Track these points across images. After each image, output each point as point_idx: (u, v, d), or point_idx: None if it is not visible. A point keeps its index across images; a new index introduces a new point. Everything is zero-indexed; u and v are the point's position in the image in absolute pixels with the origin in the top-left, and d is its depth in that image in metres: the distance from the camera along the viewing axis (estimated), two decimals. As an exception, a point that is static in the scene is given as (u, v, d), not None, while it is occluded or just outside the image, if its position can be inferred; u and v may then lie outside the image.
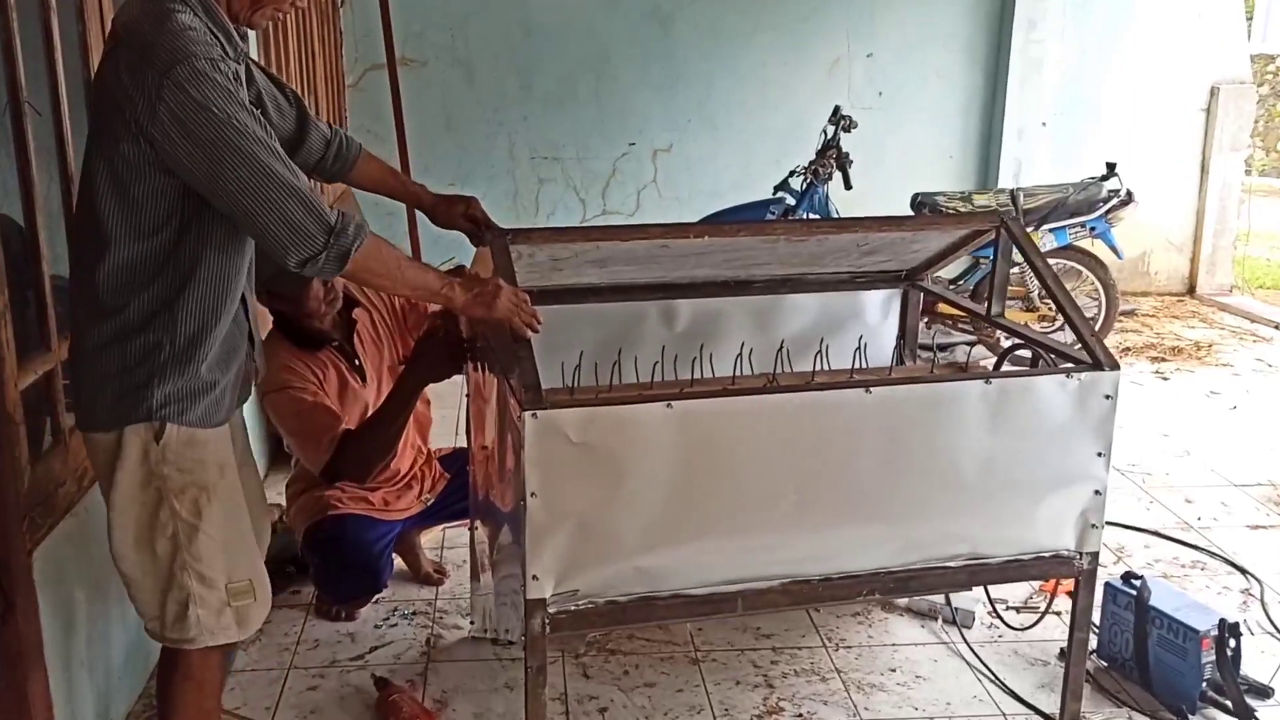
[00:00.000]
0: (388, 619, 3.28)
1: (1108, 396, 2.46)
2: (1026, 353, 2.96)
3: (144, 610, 2.16)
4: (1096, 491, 2.50)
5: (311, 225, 1.89)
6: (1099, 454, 2.48)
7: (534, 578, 2.21)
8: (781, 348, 2.73)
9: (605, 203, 6.93)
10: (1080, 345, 2.52)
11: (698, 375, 2.78)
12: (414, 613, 3.33)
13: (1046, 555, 2.53)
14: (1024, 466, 2.46)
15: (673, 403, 2.23)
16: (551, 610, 2.24)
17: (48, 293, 2.46)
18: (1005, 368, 3.05)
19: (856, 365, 2.87)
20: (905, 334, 3.24)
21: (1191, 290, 7.63)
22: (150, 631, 2.18)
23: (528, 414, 2.13)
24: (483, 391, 2.77)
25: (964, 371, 2.94)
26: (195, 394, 2.04)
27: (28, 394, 2.32)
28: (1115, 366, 2.46)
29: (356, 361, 3.10)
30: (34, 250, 2.42)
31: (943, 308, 5.28)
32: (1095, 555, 2.55)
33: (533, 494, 2.17)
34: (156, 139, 1.82)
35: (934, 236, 2.91)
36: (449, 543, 3.73)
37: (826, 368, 2.84)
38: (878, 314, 3.24)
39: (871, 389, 2.34)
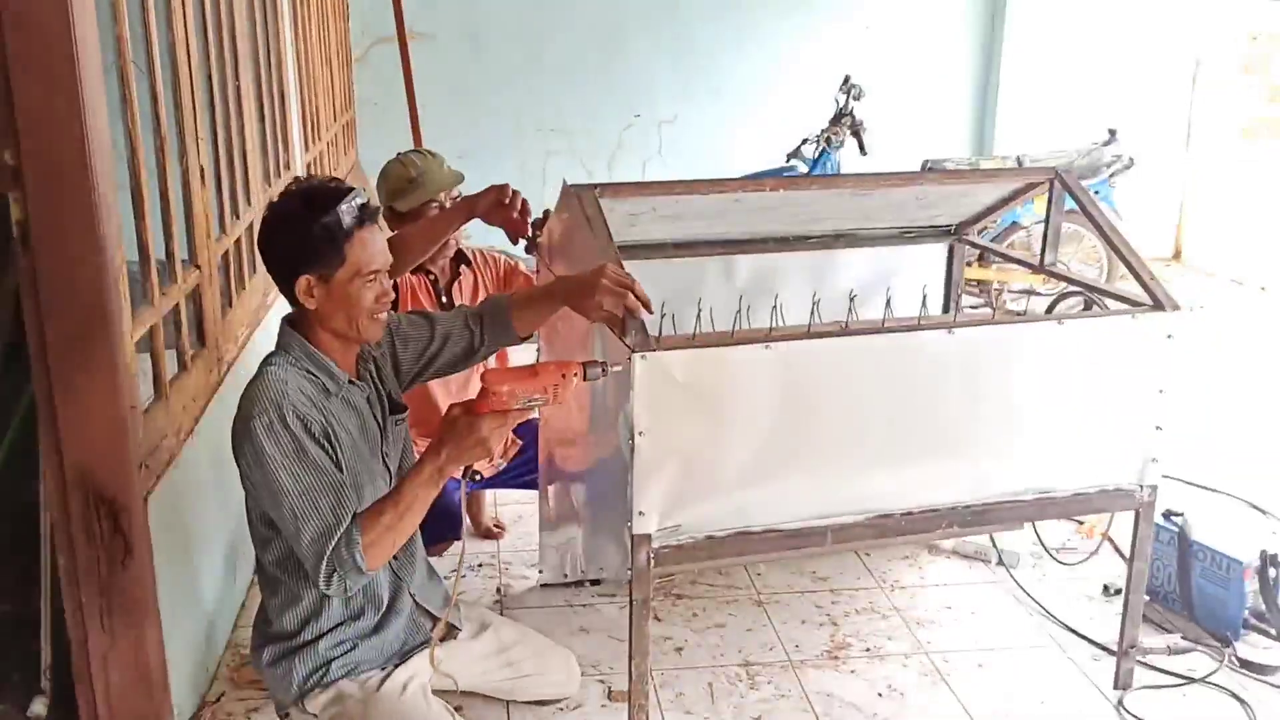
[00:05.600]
0: (455, 570, 3.36)
1: (1170, 336, 2.59)
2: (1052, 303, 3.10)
3: None
4: (1158, 427, 2.64)
5: (311, 566, 2.06)
6: (1160, 391, 2.62)
7: (640, 513, 2.31)
8: (852, 299, 2.83)
9: (611, 174, 7.01)
10: (1143, 289, 2.64)
11: (769, 325, 2.89)
12: (480, 565, 3.43)
13: (1110, 489, 2.67)
14: (1091, 404, 2.58)
15: (770, 344, 2.34)
16: (656, 545, 2.35)
17: (150, 246, 2.52)
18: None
19: (917, 315, 2.98)
20: (951, 286, 3.37)
21: (1177, 255, 7.84)
22: None
23: (637, 356, 2.23)
24: (562, 334, 2.85)
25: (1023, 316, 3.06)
26: (327, 663, 2.26)
27: (137, 346, 2.39)
28: (1176, 307, 2.60)
29: (444, 299, 3.18)
30: (139, 206, 2.48)
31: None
32: (1155, 488, 2.69)
33: (641, 433, 2.26)
34: (240, 469, 2.13)
35: (988, 190, 3.03)
36: (501, 500, 3.82)
37: (892, 316, 2.95)
38: (924, 267, 3.36)
39: (954, 330, 2.45)
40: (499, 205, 2.81)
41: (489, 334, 2.43)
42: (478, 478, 2.17)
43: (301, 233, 2.08)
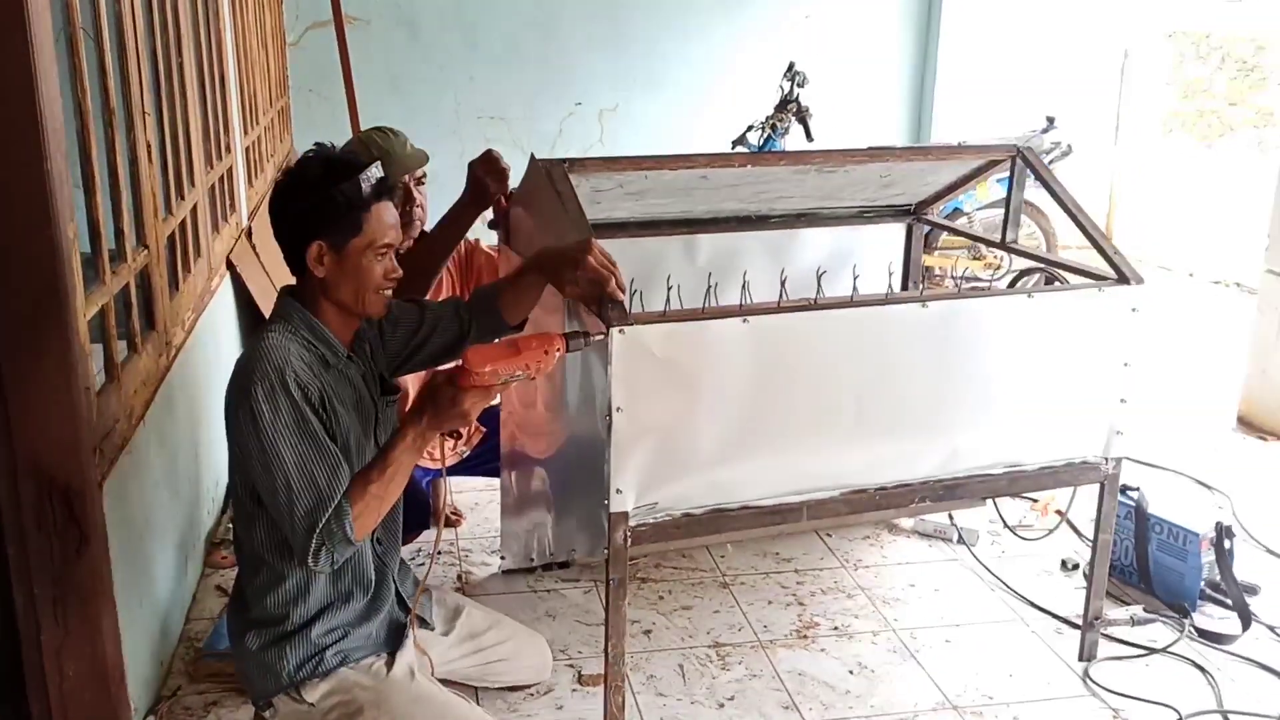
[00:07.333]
0: (413, 558, 3.29)
1: (1134, 310, 2.62)
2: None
3: None
4: (1122, 400, 2.67)
5: (301, 539, 1.99)
6: (1125, 364, 2.64)
7: (617, 491, 2.27)
8: (820, 275, 2.83)
9: (552, 163, 6.94)
10: (1108, 264, 2.67)
11: (739, 302, 2.87)
12: (439, 552, 3.36)
13: (1076, 462, 2.69)
14: (1059, 377, 2.60)
15: (747, 318, 2.32)
16: (633, 523, 2.31)
17: (101, 223, 2.42)
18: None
19: (884, 292, 2.99)
20: (910, 265, 3.38)
21: (1107, 242, 7.99)
22: None
23: (615, 330, 2.19)
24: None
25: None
26: (320, 650, 2.18)
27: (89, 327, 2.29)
28: (1140, 281, 2.62)
29: None
30: (89, 182, 2.38)
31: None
32: (1119, 461, 2.72)
33: (618, 409, 2.22)
34: (233, 437, 2.07)
35: (951, 167, 3.04)
36: (457, 487, 3.76)
37: (859, 294, 2.94)
38: (883, 247, 3.36)
39: (927, 304, 2.45)
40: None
41: (479, 324, 2.38)
42: (459, 435, 2.15)
43: (321, 198, 2.04)
